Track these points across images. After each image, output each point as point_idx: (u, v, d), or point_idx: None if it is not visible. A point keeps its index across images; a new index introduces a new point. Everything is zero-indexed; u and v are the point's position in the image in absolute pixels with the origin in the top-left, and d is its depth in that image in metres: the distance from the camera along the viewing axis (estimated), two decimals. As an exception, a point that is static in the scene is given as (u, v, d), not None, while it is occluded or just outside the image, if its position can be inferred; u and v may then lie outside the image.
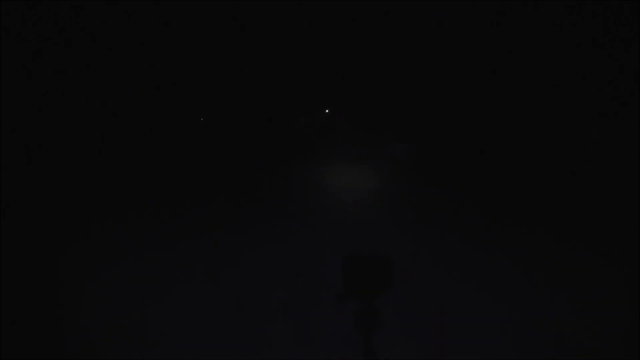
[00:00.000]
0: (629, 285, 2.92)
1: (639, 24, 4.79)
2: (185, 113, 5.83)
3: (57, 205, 4.60)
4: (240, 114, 5.97)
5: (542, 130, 5.32)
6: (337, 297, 2.54)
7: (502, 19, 5.15)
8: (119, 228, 4.06)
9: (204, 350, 2.29)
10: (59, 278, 3.21)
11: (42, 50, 5.03)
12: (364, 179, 5.54)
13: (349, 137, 5.97)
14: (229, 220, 4.27)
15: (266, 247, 3.61)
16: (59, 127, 5.28)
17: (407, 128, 5.77)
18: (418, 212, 4.44)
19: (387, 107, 5.84)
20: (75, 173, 5.30)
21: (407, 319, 2.45)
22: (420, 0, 5.26)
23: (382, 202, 4.81)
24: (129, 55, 5.32)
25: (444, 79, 5.48)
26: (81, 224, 4.16)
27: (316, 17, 5.51)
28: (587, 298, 2.77)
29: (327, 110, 5.65)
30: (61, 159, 5.25)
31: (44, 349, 2.30)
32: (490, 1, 5.12)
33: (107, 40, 5.20)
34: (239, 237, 3.83)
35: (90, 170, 5.36)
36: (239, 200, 4.93)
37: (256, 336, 2.39)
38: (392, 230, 3.98)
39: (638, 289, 2.85)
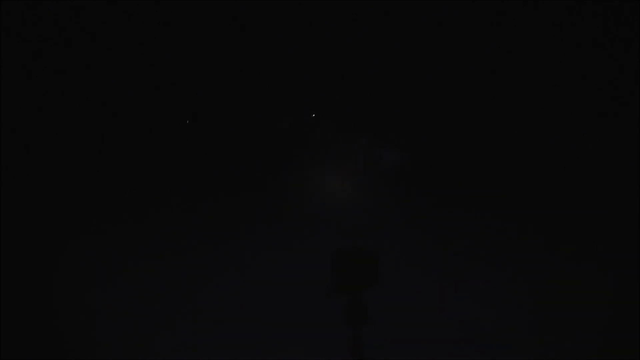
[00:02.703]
0: (629, 286, 2.91)
1: (639, 24, 4.78)
2: (185, 113, 5.83)
3: (57, 206, 4.60)
4: (239, 114, 5.98)
5: (542, 130, 5.32)
6: (326, 291, 2.54)
7: (502, 19, 5.15)
8: (118, 229, 4.06)
9: (202, 350, 2.29)
10: (59, 280, 3.21)
11: (42, 50, 5.03)
12: (353, 180, 5.53)
13: (340, 139, 5.96)
14: (224, 220, 4.27)
15: (260, 249, 3.62)
16: (59, 127, 5.28)
17: (406, 128, 5.76)
18: (412, 212, 4.43)
19: (386, 108, 5.84)
20: (75, 173, 5.30)
21: (394, 316, 2.45)
22: (420, 0, 5.26)
23: (373, 202, 4.80)
24: (129, 55, 5.32)
25: (443, 79, 5.48)
26: (80, 225, 4.16)
27: (315, 17, 5.50)
28: (586, 299, 2.76)
29: (313, 115, 5.60)
30: (61, 159, 5.25)
31: (45, 350, 2.30)
32: (490, 1, 5.12)
33: (107, 40, 5.20)
34: (234, 238, 3.84)
35: (90, 170, 5.36)
36: (237, 200, 4.93)
37: (254, 336, 2.39)
38: (382, 230, 3.98)
39: (638, 289, 2.84)
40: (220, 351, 2.32)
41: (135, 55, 5.33)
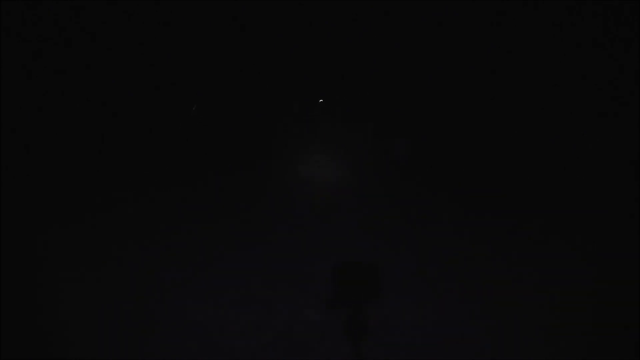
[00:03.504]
0: (629, 286, 2.92)
1: (639, 24, 4.79)
2: (184, 113, 5.84)
3: (57, 205, 4.60)
4: (239, 113, 5.98)
5: (542, 130, 5.33)
6: (326, 303, 2.54)
7: (502, 19, 5.15)
8: (117, 229, 4.07)
9: (196, 351, 2.30)
10: (55, 278, 3.22)
11: (42, 50, 5.04)
12: (355, 177, 5.54)
13: (343, 135, 5.97)
14: (219, 218, 4.27)
15: (254, 248, 3.62)
16: (59, 127, 5.28)
17: (405, 128, 5.77)
18: (412, 215, 4.44)
19: (386, 107, 5.85)
20: (75, 173, 5.31)
21: (396, 327, 2.45)
22: (420, 0, 5.26)
23: (374, 203, 4.81)
24: (129, 55, 5.33)
25: (443, 78, 5.48)
26: (80, 225, 4.16)
27: (317, 17, 5.52)
28: (586, 299, 2.76)
29: (320, 100, 5.59)
30: (61, 159, 5.26)
31: (37, 349, 2.31)
32: (490, 1, 5.13)
33: (107, 40, 5.20)
34: (229, 237, 3.84)
35: (90, 170, 5.36)
36: (235, 199, 4.94)
37: (250, 337, 2.40)
38: (383, 233, 3.97)
39: (638, 289, 2.85)
40: (221, 353, 2.33)
41: (136, 55, 5.33)
